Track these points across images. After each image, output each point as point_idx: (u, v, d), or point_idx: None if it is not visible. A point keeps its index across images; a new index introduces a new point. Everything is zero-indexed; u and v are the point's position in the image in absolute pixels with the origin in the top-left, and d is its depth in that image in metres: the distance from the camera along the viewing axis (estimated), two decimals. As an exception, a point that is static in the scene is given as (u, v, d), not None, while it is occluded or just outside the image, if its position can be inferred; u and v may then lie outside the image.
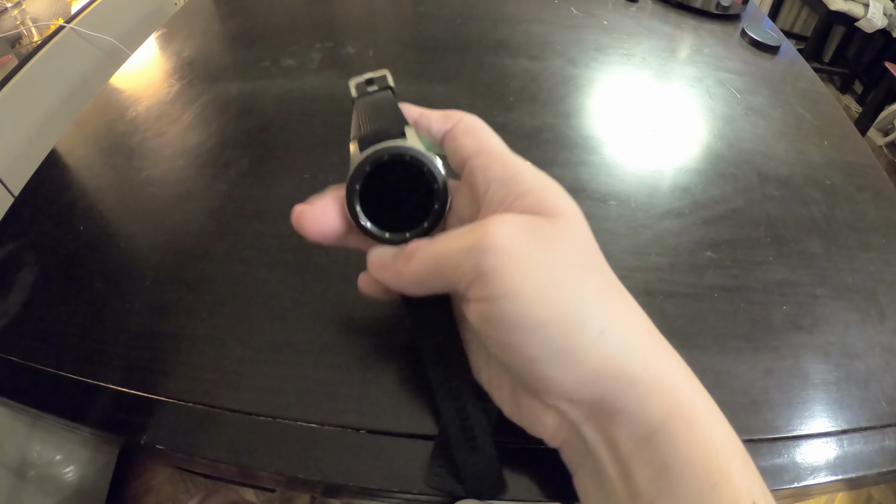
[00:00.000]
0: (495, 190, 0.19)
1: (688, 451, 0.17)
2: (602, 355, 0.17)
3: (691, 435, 0.17)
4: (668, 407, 0.17)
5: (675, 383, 0.18)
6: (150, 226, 0.33)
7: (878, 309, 0.32)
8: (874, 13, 2.01)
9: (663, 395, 0.18)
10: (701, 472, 0.17)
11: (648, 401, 0.17)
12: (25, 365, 0.27)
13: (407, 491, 0.23)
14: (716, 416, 0.18)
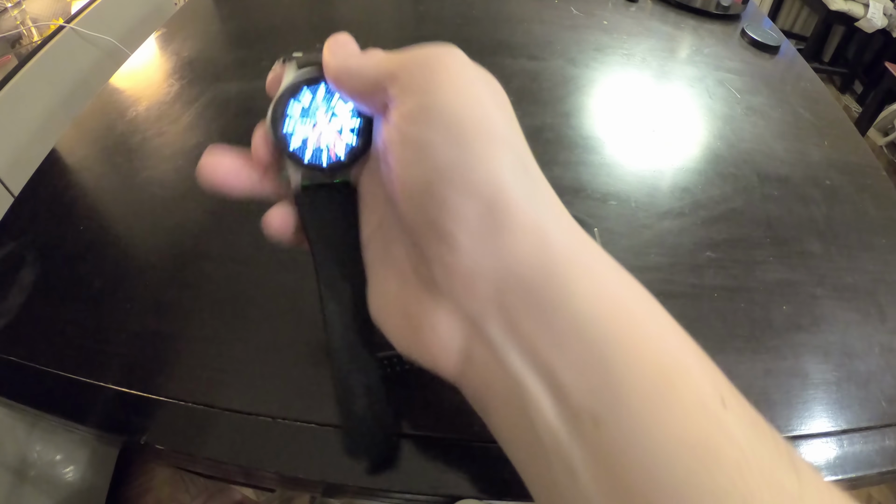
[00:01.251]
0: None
1: (632, 346, 0.14)
2: (502, 182, 0.15)
3: (633, 328, 0.14)
4: (598, 292, 0.14)
5: (606, 269, 0.15)
6: (150, 226, 0.33)
7: (878, 309, 0.32)
8: (874, 13, 2.01)
9: (592, 277, 0.14)
10: (652, 370, 0.13)
11: (574, 281, 0.14)
12: (25, 365, 0.27)
13: (407, 491, 0.23)
14: (660, 311, 0.15)
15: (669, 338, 0.15)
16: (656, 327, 0.15)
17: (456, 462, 0.24)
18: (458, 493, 0.23)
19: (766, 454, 0.14)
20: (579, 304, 0.14)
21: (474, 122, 0.15)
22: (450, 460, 0.24)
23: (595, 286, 0.14)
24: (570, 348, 0.14)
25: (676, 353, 0.14)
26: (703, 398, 0.14)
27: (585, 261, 0.15)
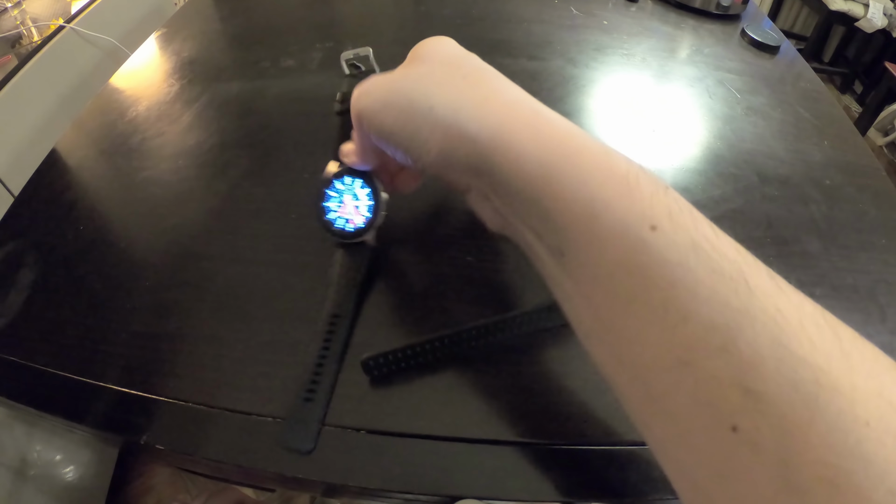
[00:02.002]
0: None
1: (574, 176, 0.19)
2: (438, 125, 0.21)
3: (567, 164, 0.19)
4: (517, 155, 0.19)
5: (519, 137, 0.20)
6: (150, 226, 0.33)
7: (878, 309, 0.32)
8: (874, 13, 2.01)
9: (506, 150, 0.19)
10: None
11: (492, 156, 0.20)
12: (25, 365, 0.27)
13: (407, 491, 0.23)
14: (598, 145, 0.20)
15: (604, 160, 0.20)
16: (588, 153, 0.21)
17: (456, 462, 0.24)
18: (458, 493, 0.23)
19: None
20: (504, 169, 0.20)
21: (393, 116, 0.23)
22: (450, 460, 0.24)
23: (509, 151, 0.20)
24: (519, 201, 0.20)
25: (608, 169, 0.20)
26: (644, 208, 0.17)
27: (494, 132, 0.20)
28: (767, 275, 0.16)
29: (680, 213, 0.17)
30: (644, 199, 0.17)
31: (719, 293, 0.15)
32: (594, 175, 0.19)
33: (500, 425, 0.25)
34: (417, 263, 0.31)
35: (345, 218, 0.29)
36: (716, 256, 0.16)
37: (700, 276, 0.15)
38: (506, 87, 0.23)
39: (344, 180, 0.29)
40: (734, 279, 0.15)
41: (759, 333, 0.14)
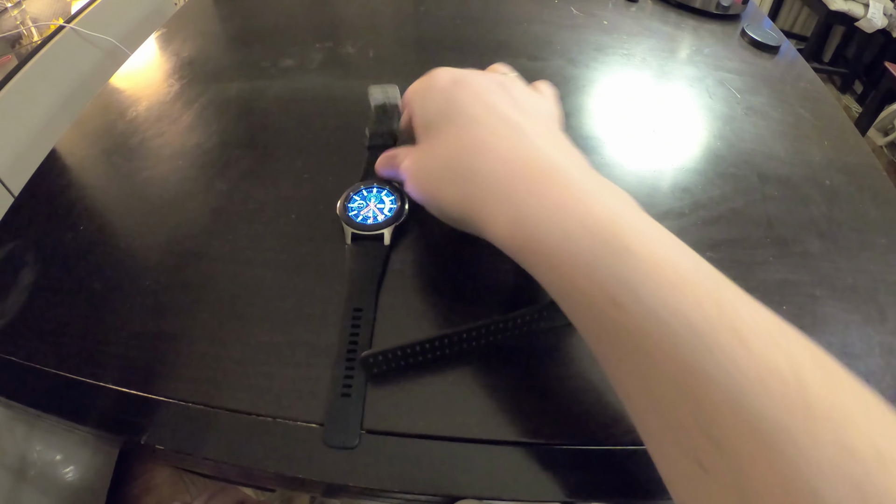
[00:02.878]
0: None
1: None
2: (501, 215, 0.23)
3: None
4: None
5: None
6: (150, 226, 0.33)
7: (878, 309, 0.32)
8: (874, 13, 2.01)
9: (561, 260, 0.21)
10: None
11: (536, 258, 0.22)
12: (25, 365, 0.27)
13: (407, 491, 0.23)
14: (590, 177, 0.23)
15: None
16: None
17: (456, 462, 0.24)
18: (458, 493, 0.23)
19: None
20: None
21: (425, 192, 0.28)
22: (450, 460, 0.24)
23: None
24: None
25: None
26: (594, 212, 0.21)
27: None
28: (732, 332, 0.17)
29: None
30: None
31: (684, 356, 0.17)
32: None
33: (500, 425, 0.25)
34: (417, 263, 0.31)
35: (367, 216, 0.32)
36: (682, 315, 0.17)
37: (667, 343, 0.17)
38: (551, 155, 0.24)
39: (371, 189, 0.33)
40: (703, 340, 0.17)
41: (720, 390, 0.16)
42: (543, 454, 0.24)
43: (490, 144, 0.24)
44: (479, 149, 0.24)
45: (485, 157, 0.23)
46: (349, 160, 0.38)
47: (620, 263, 0.18)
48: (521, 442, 0.25)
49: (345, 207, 0.32)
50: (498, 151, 0.23)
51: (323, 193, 0.35)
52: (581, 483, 0.24)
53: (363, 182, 0.34)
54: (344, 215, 0.32)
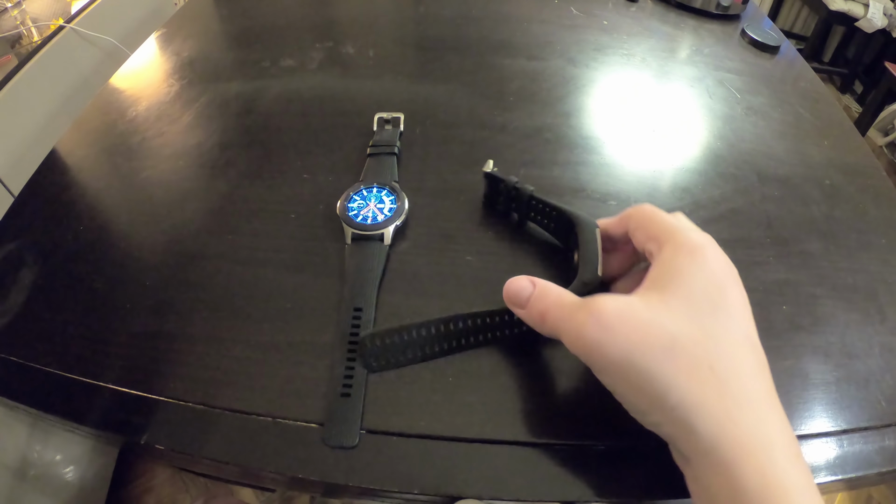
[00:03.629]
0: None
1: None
2: (676, 420, 0.19)
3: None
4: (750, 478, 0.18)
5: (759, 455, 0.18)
6: (150, 226, 0.33)
7: (878, 309, 0.32)
8: (874, 13, 2.01)
9: (741, 465, 0.18)
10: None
11: (721, 468, 0.18)
12: (25, 365, 0.27)
13: (407, 491, 0.23)
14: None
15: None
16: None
17: (456, 462, 0.24)
18: (458, 493, 0.23)
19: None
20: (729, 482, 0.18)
21: (624, 387, 0.22)
22: (451, 460, 0.24)
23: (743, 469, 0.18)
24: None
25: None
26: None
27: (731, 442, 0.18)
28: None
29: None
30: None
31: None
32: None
33: (500, 425, 0.25)
34: (418, 263, 0.31)
35: (366, 216, 0.32)
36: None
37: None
38: (754, 391, 0.20)
39: (371, 190, 0.33)
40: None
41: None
42: (543, 454, 0.24)
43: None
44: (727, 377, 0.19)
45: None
46: (349, 160, 0.38)
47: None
48: (521, 442, 0.25)
49: (345, 207, 0.32)
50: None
51: (323, 193, 0.35)
52: (581, 483, 0.24)
53: (363, 182, 0.34)
54: (344, 215, 0.32)
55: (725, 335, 0.20)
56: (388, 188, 0.34)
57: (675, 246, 0.22)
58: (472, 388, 0.26)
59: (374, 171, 0.35)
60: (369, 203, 0.33)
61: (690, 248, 0.22)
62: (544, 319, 0.23)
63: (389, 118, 0.40)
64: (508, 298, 0.25)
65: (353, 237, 0.31)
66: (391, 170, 0.35)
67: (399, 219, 0.32)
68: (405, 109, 0.41)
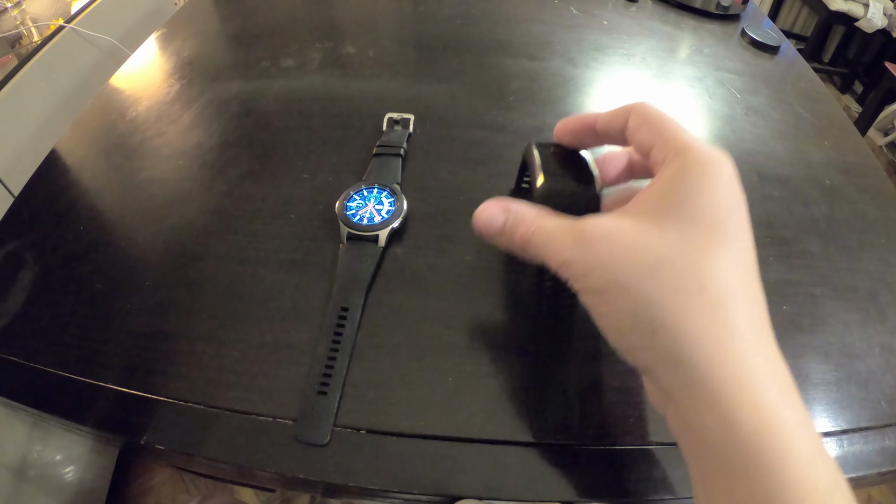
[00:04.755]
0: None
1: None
2: (659, 350, 0.18)
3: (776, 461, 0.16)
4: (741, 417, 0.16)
5: (756, 390, 0.17)
6: (150, 226, 0.33)
7: (878, 309, 0.32)
8: (874, 13, 2.01)
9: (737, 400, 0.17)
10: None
11: (713, 404, 0.17)
12: (25, 365, 0.27)
13: (407, 491, 0.23)
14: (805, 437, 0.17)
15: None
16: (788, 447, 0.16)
17: (456, 462, 0.24)
18: (458, 493, 0.23)
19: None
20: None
21: (615, 315, 0.19)
22: (450, 460, 0.24)
23: (735, 403, 0.17)
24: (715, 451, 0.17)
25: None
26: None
27: (729, 376, 0.17)
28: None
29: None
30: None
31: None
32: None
33: (500, 425, 0.25)
34: (417, 263, 0.31)
35: (363, 216, 0.32)
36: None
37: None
38: (744, 318, 0.18)
39: (371, 191, 0.33)
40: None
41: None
42: (543, 454, 0.24)
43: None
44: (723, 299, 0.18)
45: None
46: (349, 160, 0.38)
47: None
48: (521, 442, 0.25)
49: (344, 206, 0.32)
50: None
51: (323, 193, 0.35)
52: (581, 483, 0.24)
53: (365, 182, 0.34)
54: (342, 214, 0.32)
55: (725, 256, 0.18)
56: (389, 190, 0.34)
57: (687, 161, 0.20)
58: (472, 388, 0.26)
59: (377, 171, 0.35)
60: (368, 203, 0.33)
61: (704, 164, 0.20)
62: (525, 247, 0.22)
63: (399, 119, 0.40)
64: (479, 227, 0.23)
65: (348, 236, 0.31)
66: (395, 172, 0.35)
67: (396, 221, 0.32)
68: (405, 109, 0.41)
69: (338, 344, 0.27)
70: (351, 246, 0.31)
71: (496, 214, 0.23)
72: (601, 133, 0.25)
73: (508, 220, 0.23)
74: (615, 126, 0.24)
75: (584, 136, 0.25)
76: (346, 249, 0.31)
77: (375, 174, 0.35)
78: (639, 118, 0.23)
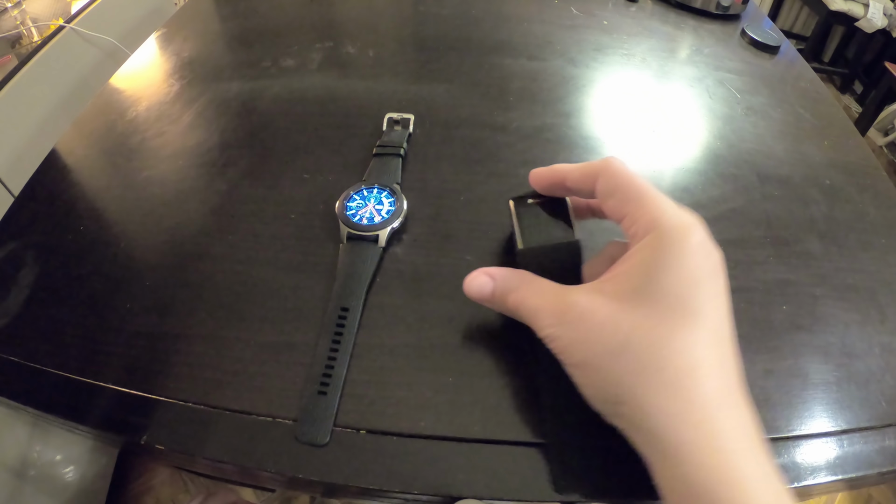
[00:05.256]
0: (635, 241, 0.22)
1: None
2: (626, 422, 0.20)
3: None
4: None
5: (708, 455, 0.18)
6: (150, 226, 0.33)
7: (878, 309, 0.32)
8: (874, 13, 2.01)
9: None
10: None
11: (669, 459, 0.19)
12: (25, 365, 0.27)
13: (407, 491, 0.23)
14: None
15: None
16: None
17: (456, 462, 0.24)
18: (458, 493, 0.23)
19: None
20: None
21: (591, 386, 0.22)
22: (450, 460, 0.24)
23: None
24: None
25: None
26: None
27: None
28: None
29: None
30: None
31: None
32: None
33: (500, 425, 0.25)
34: (417, 263, 0.31)
35: (362, 217, 0.32)
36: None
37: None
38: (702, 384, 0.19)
39: (371, 191, 0.33)
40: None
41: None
42: (543, 454, 0.24)
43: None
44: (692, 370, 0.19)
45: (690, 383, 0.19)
46: (349, 160, 0.38)
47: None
48: (521, 442, 0.25)
49: (344, 206, 0.32)
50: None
51: (323, 193, 0.35)
52: (581, 483, 0.24)
53: (365, 182, 0.34)
54: (342, 213, 0.32)
55: (684, 335, 0.20)
56: (389, 190, 0.34)
57: (656, 238, 0.21)
58: (472, 388, 0.26)
59: (377, 171, 0.35)
60: (368, 203, 0.33)
61: (672, 239, 0.21)
62: (516, 315, 0.24)
63: (399, 119, 0.40)
64: (470, 296, 0.25)
65: (349, 236, 0.31)
66: (395, 172, 0.35)
67: (396, 221, 0.32)
68: (406, 109, 0.41)
69: (338, 344, 0.27)
70: (351, 246, 0.31)
71: (485, 283, 0.25)
72: (573, 189, 0.26)
73: (496, 288, 0.24)
74: (585, 186, 0.25)
75: (557, 189, 0.26)
76: (346, 249, 0.31)
77: (375, 174, 0.35)
78: (607, 183, 0.24)
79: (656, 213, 0.22)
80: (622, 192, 0.23)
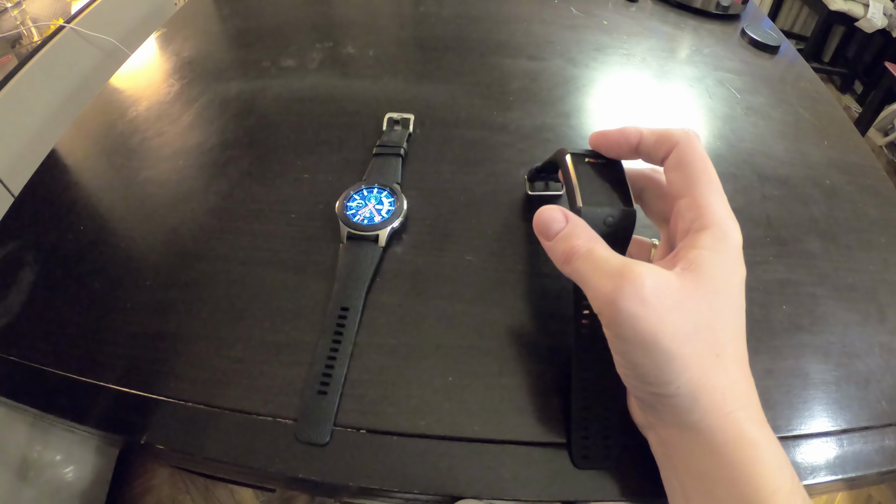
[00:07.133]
0: (683, 234, 0.23)
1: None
2: (672, 401, 0.21)
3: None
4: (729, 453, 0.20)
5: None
6: (150, 226, 0.33)
7: (878, 309, 0.32)
8: (874, 13, 2.01)
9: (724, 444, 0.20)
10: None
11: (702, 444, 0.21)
12: (26, 365, 0.27)
13: (407, 491, 0.23)
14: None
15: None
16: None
17: (456, 462, 0.24)
18: (458, 493, 0.23)
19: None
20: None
21: (642, 366, 0.21)
22: (450, 460, 0.24)
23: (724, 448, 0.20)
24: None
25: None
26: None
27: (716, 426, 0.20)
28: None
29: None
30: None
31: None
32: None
33: (500, 425, 0.25)
34: (417, 263, 0.31)
35: (363, 216, 0.32)
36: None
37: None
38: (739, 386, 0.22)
39: (371, 190, 0.33)
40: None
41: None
42: (543, 454, 0.24)
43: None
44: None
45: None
46: (349, 160, 0.38)
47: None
48: (521, 442, 0.25)
49: (344, 206, 0.32)
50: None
51: (323, 193, 0.35)
52: (581, 483, 0.24)
53: (365, 182, 0.34)
54: (342, 213, 0.32)
55: (731, 325, 0.22)
56: (389, 190, 0.34)
57: (716, 235, 0.22)
58: (472, 388, 0.26)
59: (377, 171, 0.35)
60: (368, 203, 0.33)
61: (727, 241, 0.23)
62: (568, 261, 0.23)
63: (399, 119, 0.40)
64: (537, 227, 0.24)
65: (349, 236, 0.31)
66: (395, 171, 0.35)
67: (396, 221, 0.32)
68: (406, 109, 0.41)
69: (338, 344, 0.27)
70: (351, 246, 0.31)
71: (557, 219, 0.24)
72: (642, 153, 0.26)
73: (566, 229, 0.23)
74: (657, 154, 0.25)
75: (624, 151, 0.26)
76: (346, 249, 0.31)
77: (375, 174, 0.35)
78: (682, 156, 0.24)
79: (716, 206, 0.23)
80: (689, 174, 0.24)
